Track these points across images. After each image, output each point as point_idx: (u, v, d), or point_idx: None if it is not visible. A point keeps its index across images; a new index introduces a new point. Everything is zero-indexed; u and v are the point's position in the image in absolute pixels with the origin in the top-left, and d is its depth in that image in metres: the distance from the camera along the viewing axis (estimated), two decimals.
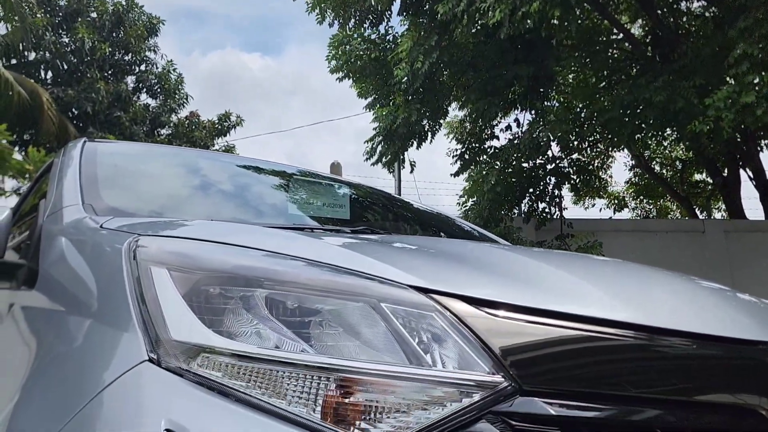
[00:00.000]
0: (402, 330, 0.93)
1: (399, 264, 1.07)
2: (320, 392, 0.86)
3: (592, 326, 0.98)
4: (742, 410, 1.02)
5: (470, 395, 0.87)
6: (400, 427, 0.84)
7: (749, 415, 1.01)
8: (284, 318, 0.95)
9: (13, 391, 1.18)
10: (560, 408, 0.88)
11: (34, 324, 1.38)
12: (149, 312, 0.96)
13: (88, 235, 1.44)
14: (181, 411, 0.83)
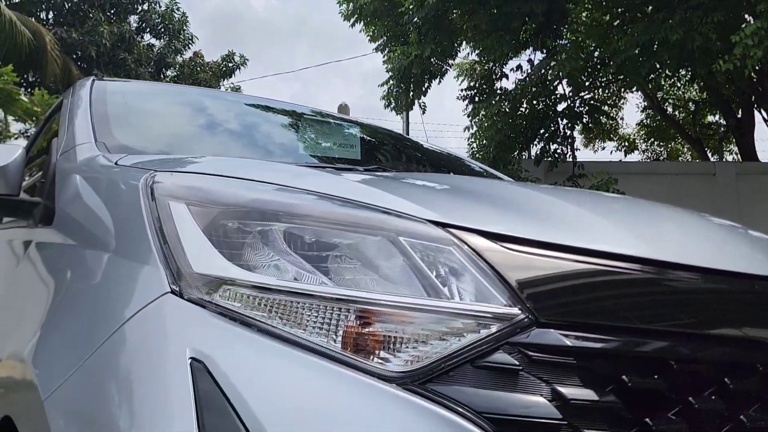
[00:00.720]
0: (420, 263, 0.93)
1: (416, 199, 1.07)
2: (340, 323, 0.87)
3: (606, 260, 1.00)
4: (751, 343, 1.04)
5: (488, 327, 0.88)
6: (418, 356, 0.86)
7: (758, 347, 1.03)
8: (302, 252, 0.95)
9: (34, 327, 1.21)
10: (575, 339, 0.90)
11: (53, 260, 1.40)
12: (169, 246, 0.97)
13: (103, 173, 1.44)
14: (205, 340, 0.85)
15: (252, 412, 0.78)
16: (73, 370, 0.95)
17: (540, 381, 0.86)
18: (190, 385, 0.80)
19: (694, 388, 0.95)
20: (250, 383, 0.80)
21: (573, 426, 0.84)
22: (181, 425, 0.78)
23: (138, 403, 0.84)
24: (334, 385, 0.82)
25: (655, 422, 0.88)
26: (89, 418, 0.89)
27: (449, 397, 0.82)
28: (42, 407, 0.95)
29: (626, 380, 0.89)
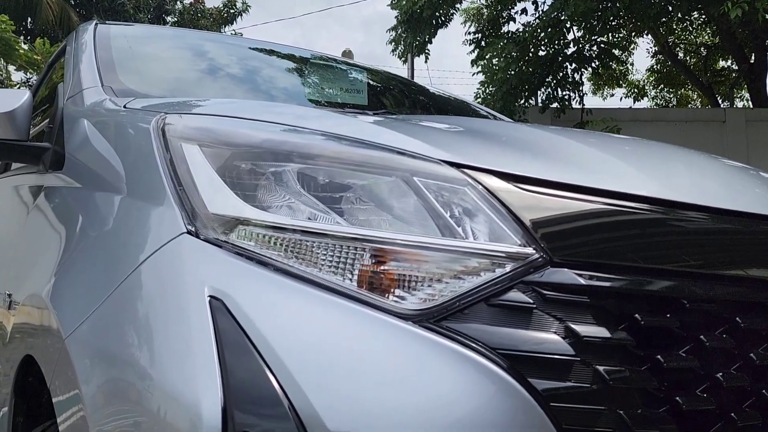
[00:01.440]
0: (435, 203, 0.93)
1: (429, 140, 1.06)
2: (355, 262, 0.88)
3: (620, 200, 1.00)
4: (764, 282, 1.04)
5: (502, 266, 0.89)
6: (433, 295, 0.86)
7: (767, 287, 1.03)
8: (316, 193, 0.95)
9: (50, 269, 1.23)
10: (589, 278, 0.90)
11: (66, 204, 1.40)
12: (183, 187, 0.97)
13: (111, 116, 1.43)
14: (223, 279, 0.86)
15: (271, 347, 0.79)
16: (93, 309, 0.96)
17: (553, 319, 0.87)
18: (210, 322, 0.81)
19: (706, 326, 0.96)
20: (269, 320, 0.82)
21: (586, 362, 0.85)
22: (203, 361, 0.79)
23: (159, 340, 0.86)
24: (350, 322, 0.83)
25: (667, 359, 0.89)
26: (111, 355, 0.91)
27: (464, 334, 0.83)
28: (64, 345, 0.97)
29: (639, 318, 0.90)
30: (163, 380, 0.82)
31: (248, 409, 0.77)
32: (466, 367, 0.81)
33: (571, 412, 0.82)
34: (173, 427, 0.79)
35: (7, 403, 1.40)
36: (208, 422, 0.75)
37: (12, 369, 1.33)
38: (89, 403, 0.89)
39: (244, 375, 0.78)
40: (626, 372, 0.86)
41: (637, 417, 0.85)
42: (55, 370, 1.02)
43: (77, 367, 0.93)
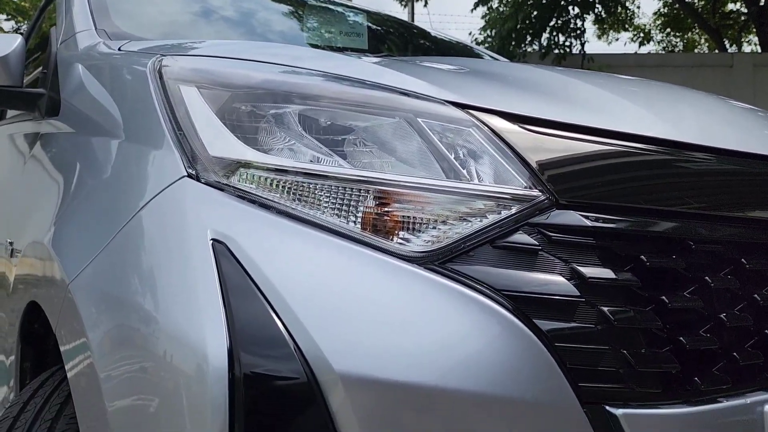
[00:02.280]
0: (439, 145, 0.92)
1: (433, 80, 1.04)
2: (359, 205, 0.87)
3: (627, 141, 0.99)
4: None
5: (508, 208, 0.88)
6: (438, 237, 0.86)
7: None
8: (318, 135, 0.93)
9: (50, 216, 1.22)
10: (595, 220, 0.89)
11: (63, 150, 1.38)
12: (183, 130, 0.95)
13: (106, 60, 1.40)
14: (226, 222, 0.85)
15: (276, 289, 0.79)
16: (96, 254, 0.96)
17: (559, 260, 0.86)
18: (214, 265, 0.81)
19: (711, 267, 0.96)
20: (273, 263, 0.81)
21: (590, 303, 0.85)
22: (207, 304, 0.79)
23: (163, 284, 0.85)
24: (355, 264, 0.83)
25: (671, 300, 0.89)
26: (116, 299, 0.90)
27: (469, 276, 0.83)
28: (68, 291, 0.97)
29: (644, 260, 0.89)
30: (168, 323, 0.82)
31: (254, 351, 0.77)
32: (471, 309, 0.80)
33: (575, 352, 0.82)
34: (180, 370, 0.79)
35: (13, 351, 1.41)
36: (214, 364, 0.76)
37: (17, 317, 1.34)
38: (96, 349, 0.90)
39: (248, 317, 0.78)
40: (631, 312, 0.86)
41: (641, 356, 0.85)
42: (60, 316, 1.02)
43: (82, 312, 0.93)
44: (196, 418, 0.76)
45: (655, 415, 0.85)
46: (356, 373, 0.75)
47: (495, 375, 0.78)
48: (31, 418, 1.06)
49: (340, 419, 0.75)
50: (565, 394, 0.80)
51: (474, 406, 0.77)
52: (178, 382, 0.79)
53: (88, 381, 0.92)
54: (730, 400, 0.91)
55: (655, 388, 0.86)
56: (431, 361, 0.77)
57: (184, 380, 0.78)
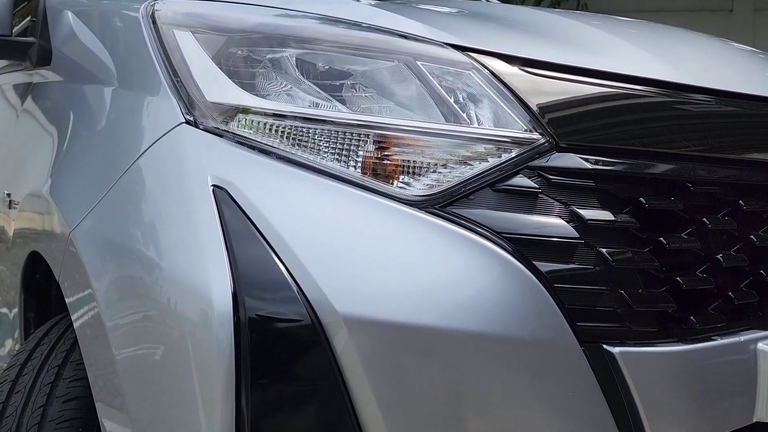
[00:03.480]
0: (438, 88, 0.91)
1: (432, 23, 1.02)
2: (359, 149, 0.87)
3: (627, 83, 0.98)
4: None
5: (508, 151, 0.88)
6: (438, 181, 0.86)
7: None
8: (316, 80, 0.92)
9: (48, 166, 1.21)
10: (594, 162, 0.90)
11: (57, 100, 1.36)
12: (179, 75, 0.93)
13: (96, 5, 1.36)
14: (225, 168, 0.84)
15: (278, 234, 0.79)
16: (96, 202, 0.96)
17: (558, 203, 0.87)
18: (215, 211, 0.81)
19: (709, 209, 0.96)
20: (274, 208, 0.81)
21: (589, 245, 0.86)
22: (210, 249, 0.80)
23: (164, 231, 0.86)
24: (356, 209, 0.83)
25: (669, 241, 0.90)
26: (118, 247, 0.91)
27: (469, 219, 0.83)
28: (70, 239, 0.97)
29: (643, 202, 0.90)
30: (171, 270, 0.83)
31: (258, 295, 0.78)
32: (471, 251, 0.81)
33: (574, 292, 0.84)
34: (184, 316, 0.80)
35: (16, 303, 1.43)
36: (219, 308, 0.77)
37: (18, 268, 1.35)
38: (101, 297, 0.90)
39: (251, 262, 0.79)
40: (629, 254, 0.87)
41: (638, 296, 0.86)
42: (62, 265, 1.03)
43: (84, 260, 0.94)
44: (203, 363, 0.77)
45: (651, 353, 0.87)
46: (359, 314, 0.77)
47: (495, 315, 0.79)
48: (38, 365, 1.08)
49: (343, 360, 0.77)
50: (563, 333, 0.82)
51: (475, 345, 0.78)
52: (183, 328, 0.80)
53: (94, 330, 0.93)
54: (725, 338, 0.93)
55: (651, 327, 0.88)
56: (433, 302, 0.78)
57: (190, 326, 0.79)
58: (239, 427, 0.75)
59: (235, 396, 0.75)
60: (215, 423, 0.75)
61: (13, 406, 1.03)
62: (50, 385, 1.04)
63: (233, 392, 0.75)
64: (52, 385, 1.04)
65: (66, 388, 1.03)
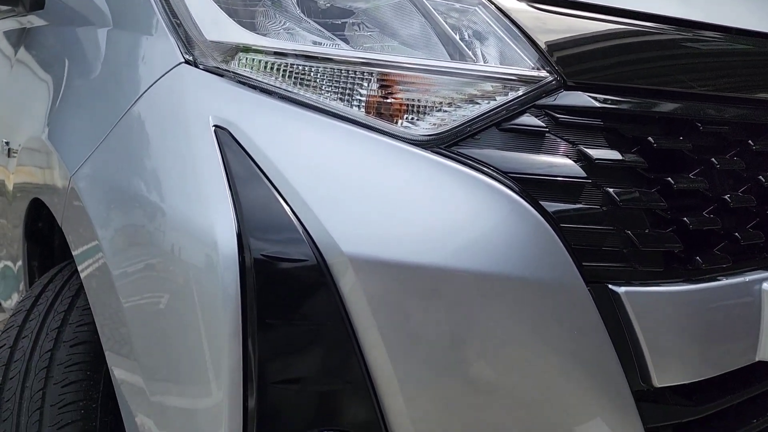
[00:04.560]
0: (444, 25, 0.88)
1: None
2: (363, 88, 0.85)
3: (638, 21, 0.96)
4: None
5: (515, 89, 0.86)
6: (443, 120, 0.84)
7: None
8: (318, 19, 0.90)
9: (45, 111, 1.19)
10: (603, 101, 0.88)
11: (52, 43, 1.33)
12: (177, 15, 0.91)
13: None
14: (227, 108, 0.83)
15: (281, 174, 0.78)
16: (96, 146, 0.94)
17: (566, 143, 0.85)
18: (217, 152, 0.79)
19: (717, 149, 0.95)
20: (277, 148, 0.80)
21: (597, 185, 0.85)
22: (213, 190, 0.78)
23: (166, 172, 0.84)
24: (360, 148, 0.81)
25: (677, 181, 0.89)
26: (119, 190, 0.90)
27: (476, 159, 0.82)
28: (71, 183, 0.96)
29: (652, 141, 0.89)
30: (174, 212, 0.82)
31: (263, 236, 0.77)
32: (478, 191, 0.80)
33: (580, 232, 0.83)
34: (189, 259, 0.79)
35: (20, 256, 1.43)
36: (224, 250, 0.76)
37: (20, 216, 1.34)
38: (104, 242, 0.90)
39: (255, 203, 0.78)
40: (636, 193, 0.86)
41: (645, 236, 0.86)
42: (64, 210, 1.02)
43: (87, 204, 0.93)
44: (209, 307, 0.77)
45: (656, 292, 0.87)
46: (365, 254, 0.76)
47: (502, 255, 0.79)
48: (44, 311, 1.08)
49: (349, 301, 0.76)
50: (570, 273, 0.81)
51: (482, 285, 0.78)
52: (188, 272, 0.79)
53: (99, 276, 0.93)
54: (730, 278, 0.93)
55: (657, 267, 0.87)
56: (439, 242, 0.78)
57: (195, 270, 0.78)
58: (246, 370, 0.75)
59: (242, 339, 0.75)
60: (223, 367, 0.75)
61: (20, 350, 1.04)
62: (57, 330, 1.05)
63: (240, 335, 0.75)
64: (58, 330, 1.04)
65: (73, 332, 1.04)
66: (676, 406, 0.92)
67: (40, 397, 0.98)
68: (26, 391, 1.00)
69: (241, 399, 0.75)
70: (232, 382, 0.74)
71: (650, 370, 0.86)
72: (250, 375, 0.75)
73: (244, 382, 0.75)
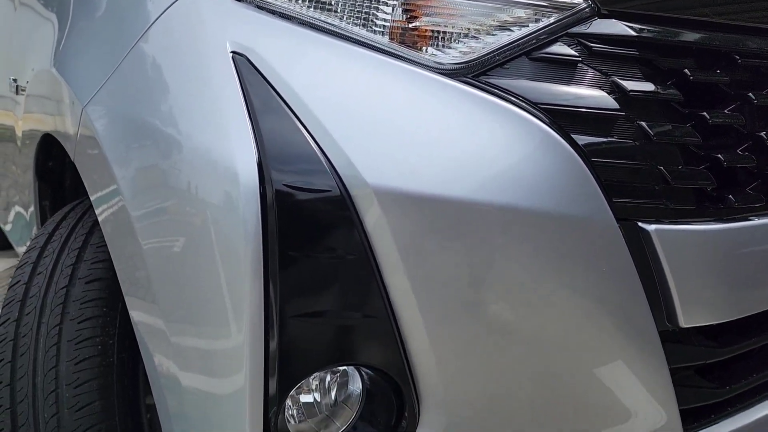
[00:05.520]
0: None
1: None
2: (388, 15, 0.81)
3: None
4: None
5: (546, 16, 0.82)
6: (472, 48, 0.81)
7: None
8: None
9: (51, 42, 1.15)
10: (639, 30, 0.84)
11: None
12: None
13: None
14: (245, 34, 0.79)
15: (303, 103, 0.74)
16: (109, 74, 0.91)
17: (599, 73, 0.82)
18: (236, 79, 0.76)
19: (755, 84, 0.91)
20: (299, 75, 0.76)
21: (630, 118, 0.81)
22: (233, 120, 0.75)
23: (182, 101, 0.81)
24: (385, 77, 0.78)
25: (712, 116, 0.86)
26: (132, 121, 0.87)
27: (505, 89, 0.79)
28: (82, 115, 0.93)
29: (688, 74, 0.85)
30: (191, 143, 0.79)
31: (284, 168, 0.74)
32: (507, 121, 0.77)
33: (612, 167, 0.80)
34: (208, 195, 0.76)
35: (32, 201, 1.41)
36: (245, 181, 0.73)
37: (31, 158, 1.32)
38: (125, 185, 0.87)
39: (277, 133, 0.75)
40: (670, 128, 0.83)
41: (677, 173, 0.83)
42: (76, 144, 1.00)
43: (99, 135, 0.90)
44: (230, 241, 0.74)
45: (687, 231, 0.84)
46: (390, 186, 0.73)
47: (531, 188, 0.76)
48: (58, 248, 1.07)
49: (373, 234, 0.74)
50: (600, 209, 0.79)
51: (509, 219, 0.75)
52: (207, 208, 0.76)
53: (116, 216, 0.91)
54: (763, 218, 0.90)
55: (688, 205, 0.85)
56: (466, 174, 0.75)
57: (214, 207, 0.76)
58: (267, 304, 0.73)
59: (263, 275, 0.73)
60: (244, 301, 0.73)
61: (36, 286, 1.03)
62: (72, 266, 1.03)
63: (261, 271, 0.72)
64: (73, 267, 1.03)
65: (88, 269, 1.03)
66: (700, 347, 0.91)
67: (57, 333, 0.98)
68: (42, 327, 0.99)
69: (262, 339, 0.73)
70: (253, 319, 0.72)
71: (677, 310, 0.84)
72: (272, 311, 0.73)
73: (266, 317, 0.73)
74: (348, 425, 0.82)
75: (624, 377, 0.82)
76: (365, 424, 0.81)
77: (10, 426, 0.97)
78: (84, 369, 0.95)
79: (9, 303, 1.03)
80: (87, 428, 0.93)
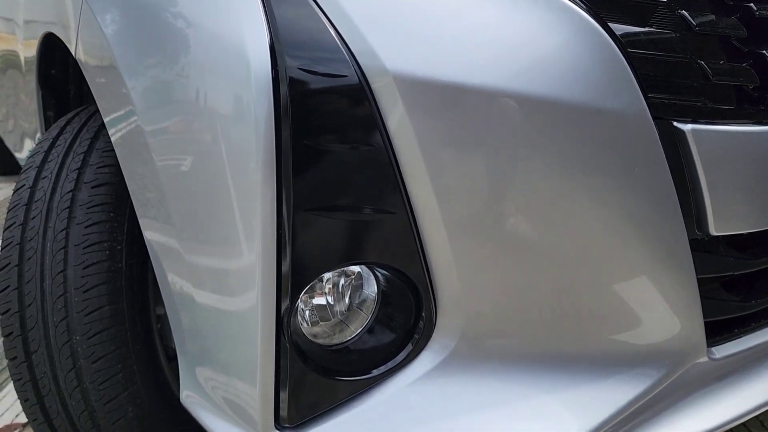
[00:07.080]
0: None
1: None
2: None
3: None
4: None
5: None
6: None
7: None
8: None
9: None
10: None
11: None
12: None
13: None
14: None
15: None
16: None
17: None
18: None
19: None
20: None
21: (671, 7, 0.76)
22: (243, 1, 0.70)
23: None
24: None
25: (759, 8, 0.80)
26: (136, 4, 0.81)
27: None
28: (83, 4, 0.88)
29: None
30: (202, 27, 0.74)
31: (297, 54, 0.69)
32: (540, 6, 0.71)
33: (649, 60, 0.75)
34: (222, 78, 0.71)
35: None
36: (257, 64, 0.68)
37: (32, 62, 1.27)
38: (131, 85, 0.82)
39: (290, 14, 0.69)
40: (713, 18, 0.77)
41: (719, 69, 0.78)
42: (78, 35, 0.94)
43: (102, 26, 0.85)
44: (245, 120, 0.68)
45: (724, 132, 0.79)
46: (412, 73, 0.68)
47: (565, 78, 0.71)
48: (62, 152, 1.03)
49: (393, 124, 0.69)
50: (636, 104, 0.74)
51: (541, 110, 0.71)
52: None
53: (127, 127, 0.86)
54: None
55: (728, 104, 0.80)
56: (496, 62, 0.70)
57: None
58: (280, 198, 0.69)
59: (275, 162, 0.68)
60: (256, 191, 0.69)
61: (41, 190, 1.00)
62: (77, 171, 1.00)
63: (273, 159, 0.68)
64: (79, 171, 1.00)
65: (94, 174, 0.99)
66: (729, 257, 0.87)
67: (64, 237, 0.95)
68: (49, 232, 0.96)
69: (275, 260, 0.70)
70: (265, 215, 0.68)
71: (708, 217, 0.80)
72: (284, 207, 0.69)
73: (278, 212, 0.69)
74: (363, 328, 0.79)
75: (651, 285, 0.79)
76: (382, 327, 0.79)
77: (19, 329, 0.95)
78: (93, 274, 0.93)
79: (14, 207, 1.00)
80: (97, 332, 0.92)
